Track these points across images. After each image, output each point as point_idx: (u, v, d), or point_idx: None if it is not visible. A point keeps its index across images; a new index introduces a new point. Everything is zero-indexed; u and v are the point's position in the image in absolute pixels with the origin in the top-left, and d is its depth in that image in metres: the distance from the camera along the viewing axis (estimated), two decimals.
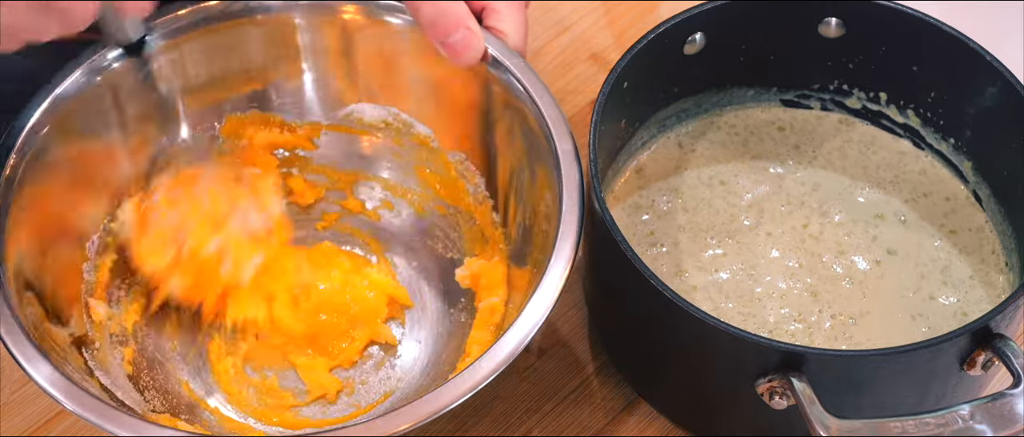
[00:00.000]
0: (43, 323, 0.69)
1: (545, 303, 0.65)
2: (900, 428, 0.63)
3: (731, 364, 0.68)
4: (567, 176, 0.69)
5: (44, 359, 0.64)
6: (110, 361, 0.73)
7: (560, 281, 0.66)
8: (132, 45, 0.74)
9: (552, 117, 0.71)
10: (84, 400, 0.63)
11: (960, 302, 0.75)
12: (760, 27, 0.79)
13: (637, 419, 0.78)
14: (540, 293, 0.66)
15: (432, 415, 0.62)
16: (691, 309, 0.65)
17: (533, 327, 0.64)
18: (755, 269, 0.76)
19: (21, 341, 0.65)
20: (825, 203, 0.80)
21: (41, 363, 0.64)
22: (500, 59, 0.73)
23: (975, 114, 0.77)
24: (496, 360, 0.63)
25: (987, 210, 0.78)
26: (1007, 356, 0.65)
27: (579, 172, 0.69)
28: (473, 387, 0.63)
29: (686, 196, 0.80)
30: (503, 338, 0.64)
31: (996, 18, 0.94)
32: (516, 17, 0.74)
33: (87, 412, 0.63)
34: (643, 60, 0.76)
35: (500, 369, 0.63)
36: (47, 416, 0.77)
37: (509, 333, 0.64)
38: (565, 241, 0.67)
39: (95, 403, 0.63)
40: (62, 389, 0.63)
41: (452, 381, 0.63)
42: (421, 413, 0.62)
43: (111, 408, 0.63)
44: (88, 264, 0.75)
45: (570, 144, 0.70)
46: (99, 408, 0.63)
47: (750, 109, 0.84)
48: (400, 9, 0.76)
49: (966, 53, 0.75)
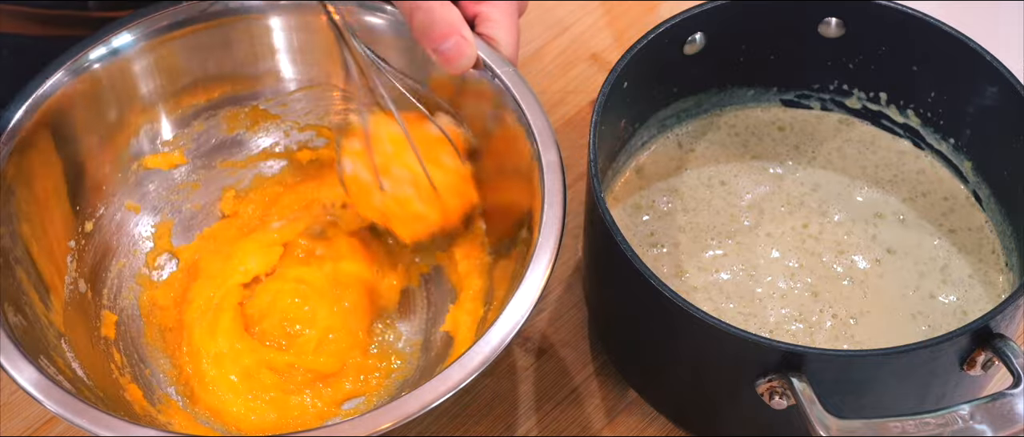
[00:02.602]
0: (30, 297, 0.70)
1: (524, 305, 0.65)
2: (900, 428, 0.63)
3: (731, 364, 0.68)
4: (550, 186, 0.69)
5: (30, 364, 0.64)
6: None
7: (542, 280, 0.66)
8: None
9: (539, 127, 0.71)
10: (69, 402, 0.63)
11: (959, 301, 0.75)
12: (760, 27, 0.79)
13: (637, 419, 0.78)
14: (520, 294, 0.66)
15: (416, 412, 0.62)
16: (691, 309, 0.65)
17: (512, 330, 0.64)
18: (755, 269, 0.76)
19: (7, 346, 0.65)
20: (825, 203, 0.80)
21: (27, 367, 0.64)
22: (491, 66, 0.73)
23: (975, 114, 0.77)
24: (476, 361, 0.63)
25: (987, 210, 0.79)
26: (1007, 356, 0.65)
27: (562, 183, 0.69)
28: (454, 386, 0.63)
29: (686, 196, 0.80)
30: (483, 339, 0.64)
31: (996, 18, 0.94)
32: (508, 24, 0.74)
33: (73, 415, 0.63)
34: (643, 60, 0.76)
35: (480, 370, 0.63)
36: (46, 416, 0.77)
37: (489, 333, 0.64)
38: (544, 251, 0.67)
39: (81, 405, 0.63)
40: (48, 393, 0.63)
41: (433, 380, 0.63)
42: (405, 411, 0.62)
43: (97, 411, 0.63)
44: (71, 256, 0.75)
45: (555, 155, 0.70)
46: (84, 410, 0.63)
47: (750, 109, 0.84)
48: (382, 9, 0.76)
49: (966, 53, 0.75)
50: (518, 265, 0.70)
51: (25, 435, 0.77)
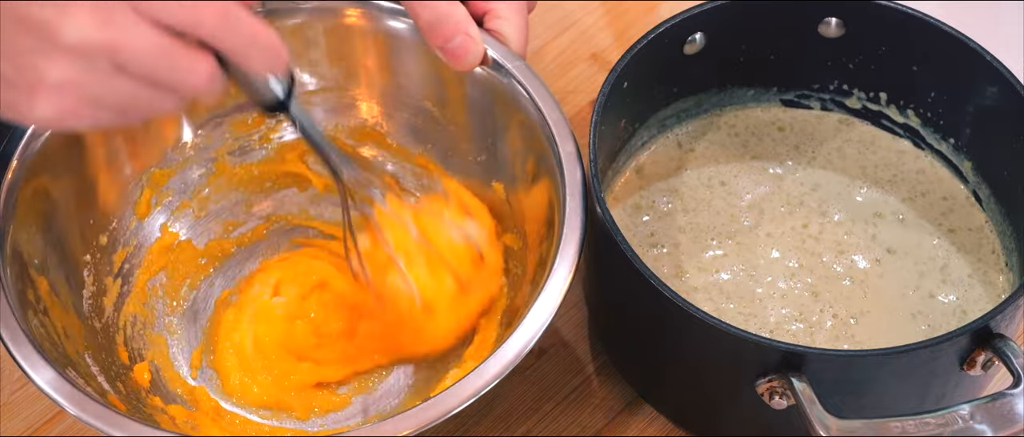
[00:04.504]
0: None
1: (550, 305, 0.65)
2: (900, 428, 0.63)
3: (731, 364, 0.68)
4: (570, 178, 0.70)
5: (47, 364, 0.64)
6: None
7: (565, 283, 0.66)
8: (279, 103, 0.63)
9: (554, 119, 0.71)
10: (86, 405, 0.63)
11: (959, 300, 0.75)
12: (760, 27, 0.79)
13: (637, 419, 0.78)
14: (545, 295, 0.66)
15: (437, 419, 0.62)
16: (692, 310, 0.65)
17: (538, 330, 0.65)
18: (756, 270, 0.76)
19: (24, 345, 0.65)
20: (825, 203, 0.80)
21: (44, 368, 0.64)
22: (501, 62, 0.73)
23: (975, 114, 0.77)
24: (501, 363, 0.64)
25: (987, 210, 0.79)
26: (1007, 356, 0.65)
27: (582, 173, 0.70)
28: (478, 391, 0.63)
29: (686, 197, 0.80)
30: (508, 342, 0.64)
31: (996, 18, 0.94)
32: (517, 20, 0.74)
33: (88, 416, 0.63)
34: (643, 60, 0.76)
35: (505, 373, 0.63)
36: (46, 416, 0.77)
37: (514, 336, 0.64)
38: (569, 243, 0.67)
39: (97, 407, 0.63)
40: (64, 393, 0.64)
41: (457, 385, 0.63)
42: (426, 417, 0.62)
43: (113, 412, 0.63)
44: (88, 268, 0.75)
45: (573, 146, 0.71)
46: (100, 412, 0.63)
47: (750, 109, 0.84)
48: (402, 12, 0.76)
49: (966, 53, 0.75)
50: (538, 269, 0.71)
51: (25, 435, 0.77)
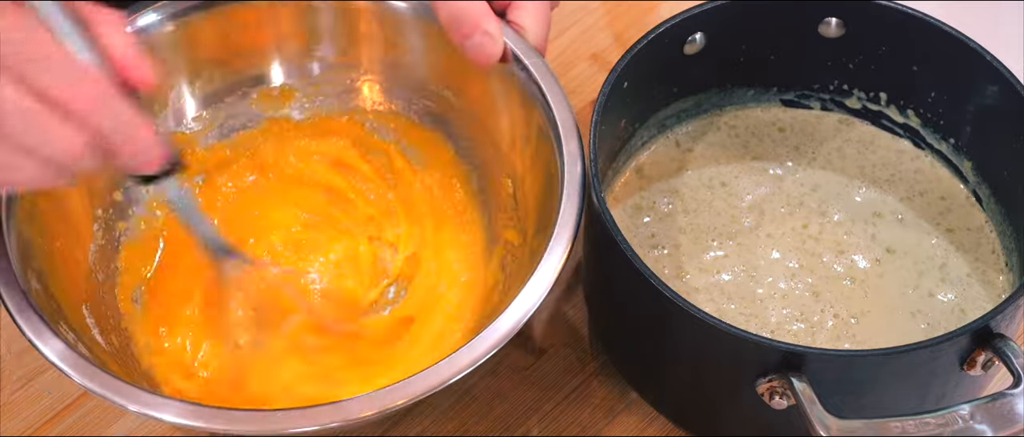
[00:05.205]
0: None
1: (540, 288, 0.66)
2: (900, 428, 0.63)
3: (731, 364, 0.68)
4: (570, 173, 0.70)
5: (55, 335, 0.64)
6: None
7: (558, 265, 0.67)
8: (147, 178, 0.65)
9: (562, 118, 0.72)
10: (97, 376, 0.64)
11: (958, 299, 0.75)
12: (760, 27, 0.79)
13: (637, 419, 0.78)
14: (536, 278, 0.66)
15: (426, 392, 0.62)
16: (692, 310, 0.65)
17: (527, 311, 0.65)
18: (756, 270, 0.76)
19: (32, 318, 0.65)
20: (824, 203, 0.80)
21: (52, 339, 0.64)
22: (517, 55, 0.74)
23: (975, 114, 0.77)
24: (489, 341, 0.64)
25: (987, 210, 0.79)
26: (1007, 356, 0.65)
27: (582, 171, 0.70)
28: (467, 366, 0.63)
29: (686, 198, 0.80)
30: (497, 320, 0.65)
31: (996, 18, 0.94)
32: (539, 13, 0.74)
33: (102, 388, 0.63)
34: (643, 60, 0.76)
35: (495, 350, 0.64)
36: (47, 416, 0.77)
37: (504, 315, 0.65)
38: (564, 228, 0.68)
39: (109, 379, 0.64)
40: (74, 365, 0.64)
41: (447, 360, 0.63)
42: (415, 390, 0.62)
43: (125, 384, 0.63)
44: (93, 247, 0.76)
45: (576, 145, 0.71)
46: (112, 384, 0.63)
47: (750, 109, 0.84)
48: None
49: (966, 53, 0.75)
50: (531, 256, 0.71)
51: (25, 435, 0.76)
